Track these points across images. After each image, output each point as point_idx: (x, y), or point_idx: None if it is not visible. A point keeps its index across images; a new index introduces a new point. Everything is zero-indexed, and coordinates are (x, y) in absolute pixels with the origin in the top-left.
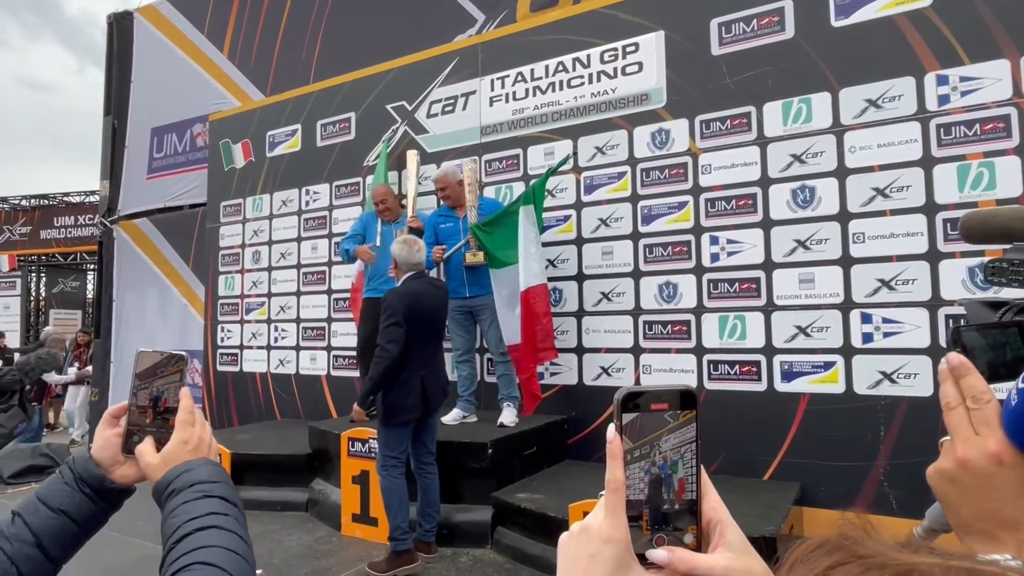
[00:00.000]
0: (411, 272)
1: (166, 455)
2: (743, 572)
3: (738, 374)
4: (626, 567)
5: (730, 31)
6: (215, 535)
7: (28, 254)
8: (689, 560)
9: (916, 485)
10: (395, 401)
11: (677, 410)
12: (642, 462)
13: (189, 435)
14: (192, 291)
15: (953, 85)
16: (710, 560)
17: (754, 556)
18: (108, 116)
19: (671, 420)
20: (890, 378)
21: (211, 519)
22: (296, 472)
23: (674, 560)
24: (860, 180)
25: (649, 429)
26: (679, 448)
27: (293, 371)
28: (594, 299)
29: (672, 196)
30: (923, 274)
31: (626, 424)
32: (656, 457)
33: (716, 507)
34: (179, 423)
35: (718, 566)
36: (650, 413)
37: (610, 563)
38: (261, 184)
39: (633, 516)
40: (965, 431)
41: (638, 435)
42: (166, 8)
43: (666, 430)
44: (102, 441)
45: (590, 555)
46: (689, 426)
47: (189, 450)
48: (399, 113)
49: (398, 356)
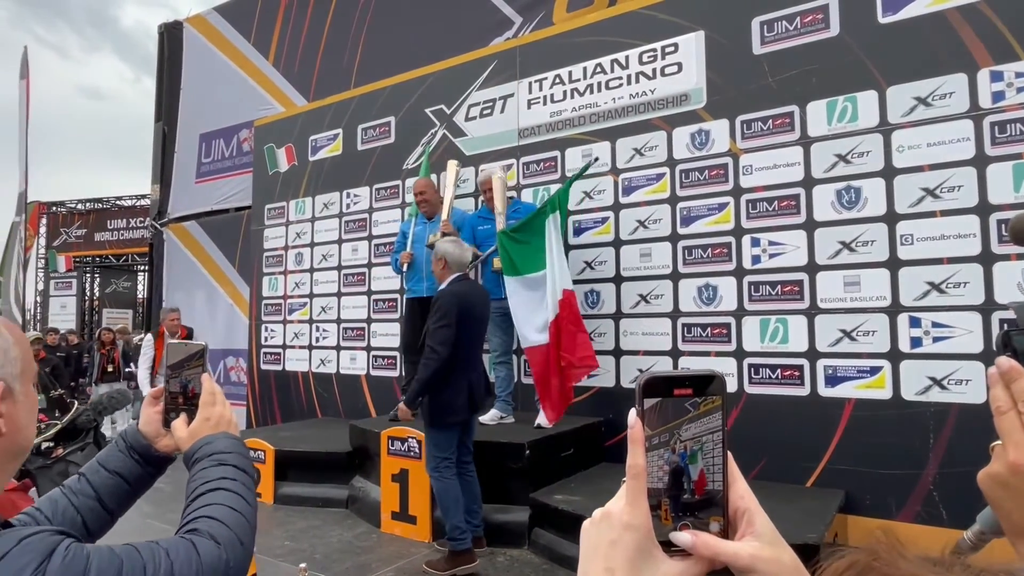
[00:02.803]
0: (459, 273)
1: (192, 430)
2: (771, 562)
3: (780, 378)
4: (647, 553)
5: (772, 30)
6: (221, 495)
7: (83, 255)
8: (714, 546)
9: (967, 495)
10: (445, 402)
11: (702, 396)
12: (663, 449)
13: (210, 413)
14: (238, 291)
15: (1008, 81)
16: (736, 547)
17: (784, 547)
18: (159, 122)
19: (694, 408)
20: (940, 384)
21: (220, 483)
22: (337, 469)
23: (698, 544)
24: (909, 180)
25: (672, 415)
26: (703, 436)
27: (334, 370)
28: (632, 301)
29: (712, 197)
30: (976, 277)
31: (648, 409)
32: (678, 444)
33: (744, 495)
34: (202, 403)
35: (744, 554)
36: (673, 399)
37: (631, 549)
38: (304, 187)
39: (654, 504)
40: (1017, 435)
41: (660, 421)
42: (214, 18)
43: (689, 417)
44: (146, 417)
45: (611, 541)
46: (715, 413)
47: (211, 425)
48: (438, 117)
49: (448, 358)
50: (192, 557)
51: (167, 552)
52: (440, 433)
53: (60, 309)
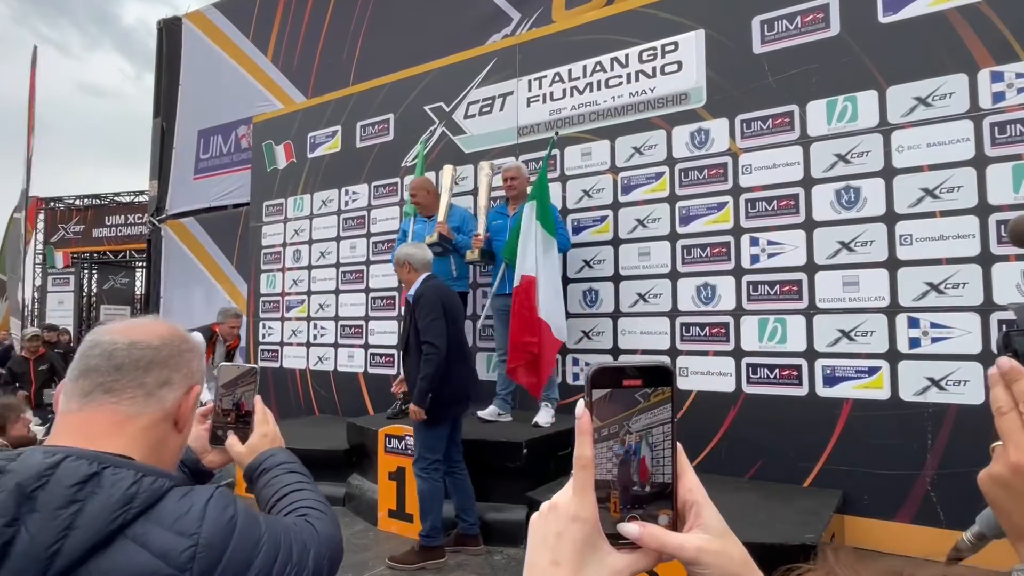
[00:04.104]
0: (427, 273)
1: (251, 445)
2: (717, 555)
3: (778, 378)
4: (593, 545)
5: (773, 29)
6: (307, 494)
7: (81, 252)
8: (661, 538)
9: (965, 496)
10: (445, 398)
11: (652, 387)
12: (612, 441)
13: (267, 430)
14: (236, 288)
15: (1009, 82)
16: (682, 539)
17: (732, 540)
18: (157, 118)
19: (644, 399)
20: (938, 385)
21: (300, 484)
22: (334, 467)
23: (645, 536)
24: (908, 180)
25: (621, 407)
26: (653, 427)
27: (331, 368)
28: (630, 300)
29: (711, 197)
30: (975, 278)
31: (597, 400)
32: (628, 436)
33: (693, 488)
34: (258, 422)
35: (690, 546)
36: (622, 390)
37: (577, 541)
38: (302, 184)
39: (603, 496)
40: (1018, 436)
41: (609, 412)
42: (213, 14)
43: (638, 408)
44: (194, 434)
45: (557, 533)
46: (664, 405)
47: (269, 441)
48: (437, 114)
49: (447, 352)
50: (312, 532)
51: (295, 524)
52: (431, 433)
53: (58, 305)
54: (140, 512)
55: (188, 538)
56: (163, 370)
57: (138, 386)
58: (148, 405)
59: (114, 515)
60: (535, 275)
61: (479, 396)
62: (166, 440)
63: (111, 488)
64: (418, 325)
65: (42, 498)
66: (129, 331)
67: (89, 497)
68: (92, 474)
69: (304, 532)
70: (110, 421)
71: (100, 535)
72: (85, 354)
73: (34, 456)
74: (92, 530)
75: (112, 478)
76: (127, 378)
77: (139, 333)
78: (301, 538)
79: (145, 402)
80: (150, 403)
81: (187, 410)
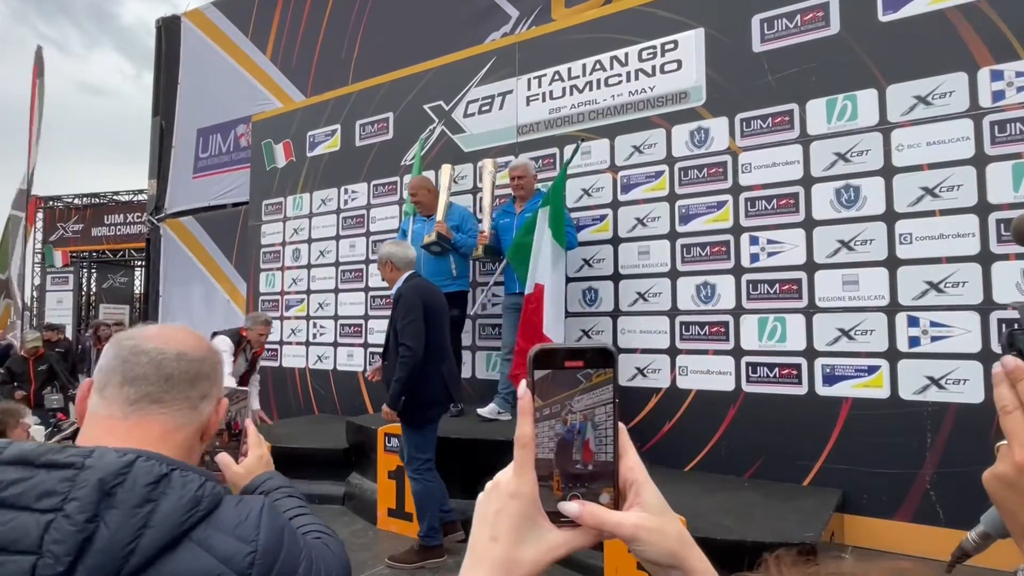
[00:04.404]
0: (409, 271)
1: (248, 467)
2: (654, 531)
3: (778, 377)
4: (532, 522)
5: (772, 27)
6: (311, 519)
7: (80, 250)
8: (599, 515)
9: (965, 495)
10: (422, 399)
11: (593, 369)
12: (553, 420)
13: (262, 453)
14: (235, 287)
15: (1008, 80)
16: (620, 517)
17: (670, 518)
18: (156, 117)
19: (585, 379)
20: (938, 384)
21: (302, 510)
22: (333, 466)
23: (584, 514)
24: (908, 179)
25: (562, 387)
26: (594, 408)
27: (331, 367)
28: (630, 299)
29: (711, 195)
30: (974, 276)
31: (539, 380)
32: (570, 416)
33: (634, 468)
34: (252, 444)
35: (628, 523)
36: (564, 371)
37: (515, 517)
38: (301, 183)
39: (545, 475)
40: (1023, 435)
41: (550, 392)
42: (212, 12)
43: (580, 389)
44: None
45: (497, 510)
46: (606, 386)
47: (264, 464)
48: (436, 113)
49: (423, 353)
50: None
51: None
52: (420, 433)
53: (56, 304)
54: (205, 515)
55: (248, 544)
56: (205, 383)
57: (185, 399)
58: (192, 418)
59: (185, 516)
60: (544, 284)
61: (463, 397)
62: (194, 450)
63: (181, 489)
64: (396, 326)
65: (121, 495)
66: (172, 340)
67: (162, 497)
68: (164, 474)
69: (326, 554)
70: (160, 431)
71: (171, 535)
72: (128, 360)
73: (108, 454)
74: (164, 530)
75: (182, 479)
76: (176, 390)
77: (183, 343)
78: (325, 557)
79: (190, 414)
80: (193, 416)
81: (215, 421)
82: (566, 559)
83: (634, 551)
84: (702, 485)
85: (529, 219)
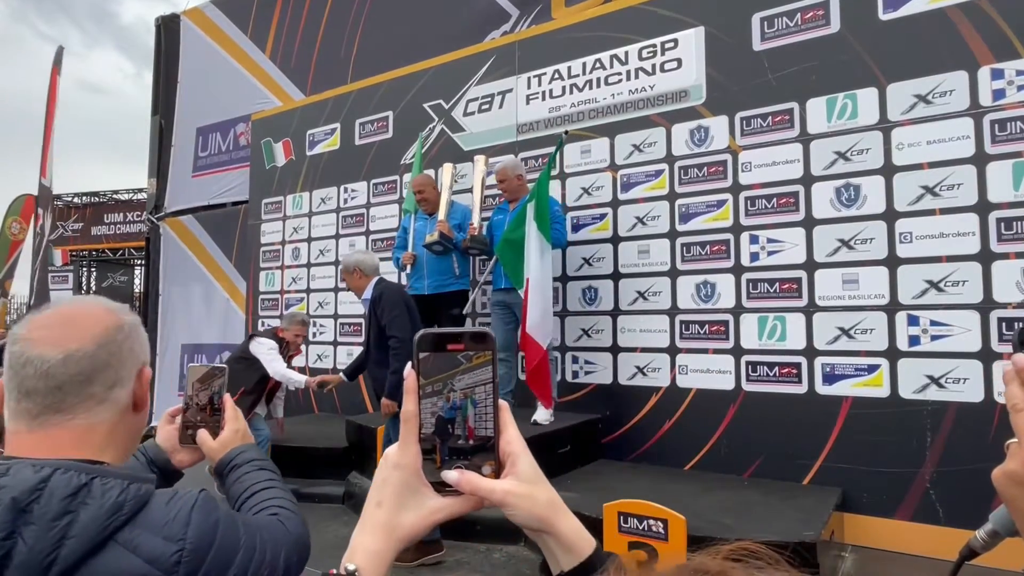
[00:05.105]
0: (377, 276)
1: (223, 441)
2: (523, 497)
3: (777, 376)
4: (414, 490)
5: (773, 26)
6: (276, 492)
7: (80, 249)
8: (474, 482)
9: (965, 494)
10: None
11: (472, 351)
12: (436, 397)
13: (238, 426)
14: (234, 286)
15: (1009, 79)
16: (492, 484)
17: (542, 486)
18: (156, 116)
19: (465, 360)
20: (938, 383)
21: (270, 483)
22: (334, 465)
23: (461, 481)
24: (908, 178)
25: (445, 367)
26: (476, 386)
27: (331, 366)
28: (630, 298)
29: (711, 194)
30: (974, 275)
31: (423, 360)
32: (452, 394)
33: (512, 441)
34: (228, 418)
35: (498, 489)
36: (445, 353)
37: (397, 485)
38: (301, 182)
39: (429, 448)
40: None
41: (433, 372)
42: (211, 11)
43: (460, 369)
44: (164, 434)
45: (383, 479)
46: (485, 367)
47: (239, 437)
48: (436, 111)
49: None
50: (283, 531)
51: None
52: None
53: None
54: (129, 518)
55: (176, 543)
56: (107, 372)
57: (88, 397)
58: (105, 411)
59: (106, 523)
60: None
61: None
62: (129, 429)
63: (101, 498)
64: (381, 323)
65: (37, 511)
66: (59, 339)
67: (81, 507)
68: (83, 485)
69: (277, 531)
70: (72, 437)
71: (93, 542)
72: (18, 372)
73: (24, 470)
74: (85, 538)
75: (102, 487)
76: (73, 395)
77: (68, 340)
78: (274, 537)
79: (100, 409)
80: (105, 408)
81: (143, 391)
82: None
83: (507, 515)
84: (702, 484)
85: (517, 215)
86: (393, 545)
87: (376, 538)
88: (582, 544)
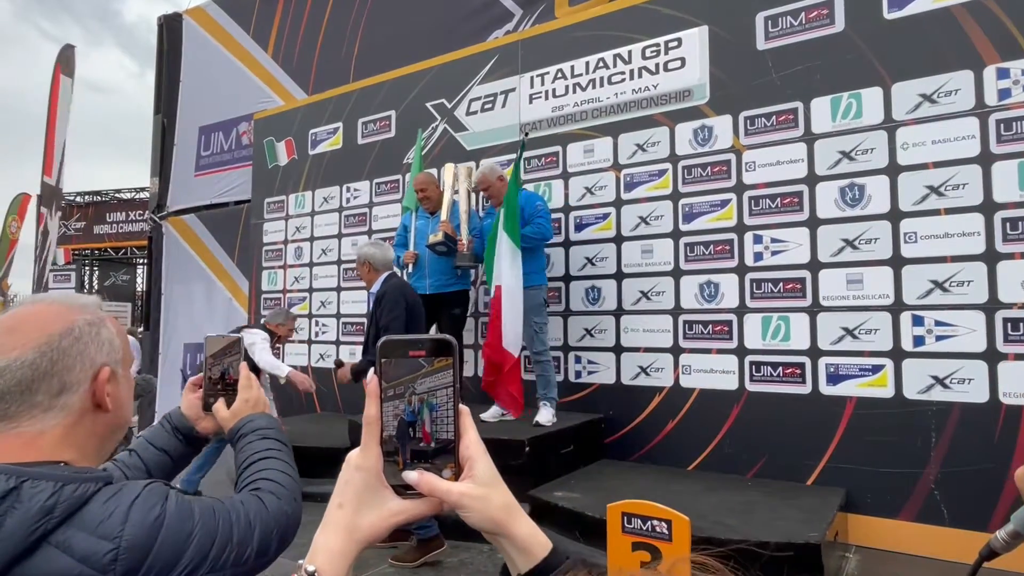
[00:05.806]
0: (388, 272)
1: (234, 410)
2: (478, 499)
3: (781, 376)
4: (374, 491)
5: (777, 25)
6: (272, 463)
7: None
8: (432, 483)
9: (969, 495)
10: None
11: (434, 357)
12: (398, 401)
13: (249, 395)
14: (236, 285)
15: (1015, 79)
16: (449, 486)
17: (498, 488)
18: (158, 115)
19: (426, 365)
20: (943, 383)
21: (268, 452)
22: (335, 464)
23: (420, 482)
24: (913, 178)
25: (406, 372)
26: (437, 390)
27: (333, 365)
28: (633, 298)
29: (714, 194)
30: (980, 275)
31: (385, 365)
32: (413, 398)
33: (470, 445)
34: (241, 387)
35: (454, 491)
36: (407, 359)
37: (359, 486)
38: (303, 181)
39: (391, 451)
40: None
41: (395, 377)
42: (213, 10)
43: (421, 374)
44: (187, 402)
45: (344, 481)
46: (446, 372)
47: (250, 406)
48: (439, 111)
49: None
50: (261, 508)
51: (242, 503)
52: None
53: None
54: (62, 520)
55: (110, 541)
56: (51, 380)
57: (32, 406)
58: (53, 418)
59: (33, 527)
60: (501, 285)
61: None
62: (94, 429)
63: (29, 502)
64: (380, 323)
65: None
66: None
67: (8, 512)
68: (11, 489)
69: (251, 509)
70: (20, 443)
71: (21, 547)
72: None
73: None
74: (12, 543)
75: (30, 491)
76: (15, 404)
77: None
78: (246, 517)
79: (47, 416)
80: (53, 415)
81: (103, 392)
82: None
83: (462, 516)
84: (705, 484)
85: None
86: (353, 546)
87: (337, 539)
88: (537, 547)
